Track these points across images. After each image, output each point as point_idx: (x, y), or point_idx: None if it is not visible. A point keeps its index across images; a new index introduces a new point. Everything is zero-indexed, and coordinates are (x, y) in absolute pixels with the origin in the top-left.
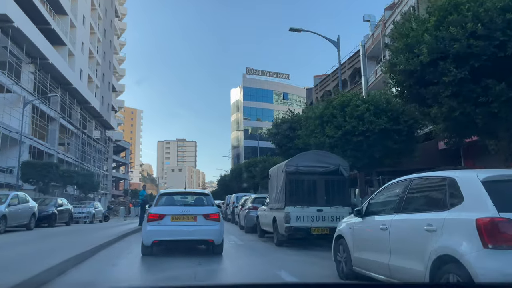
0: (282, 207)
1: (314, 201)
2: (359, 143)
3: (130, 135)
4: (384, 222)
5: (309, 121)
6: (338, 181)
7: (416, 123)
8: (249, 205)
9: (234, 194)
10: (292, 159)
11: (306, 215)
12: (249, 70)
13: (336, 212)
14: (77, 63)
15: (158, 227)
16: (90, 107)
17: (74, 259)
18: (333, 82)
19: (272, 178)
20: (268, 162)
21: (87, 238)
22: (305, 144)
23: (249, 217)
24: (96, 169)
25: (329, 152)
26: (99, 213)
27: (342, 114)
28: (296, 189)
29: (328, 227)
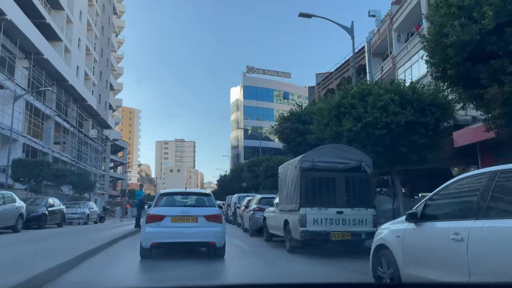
0: (296, 208)
1: (333, 201)
2: (381, 137)
3: (129, 135)
4: (457, 230)
5: (323, 112)
6: (360, 179)
7: (444, 115)
8: (255, 206)
9: (235, 195)
10: (308, 154)
11: (324, 218)
12: (249, 69)
13: (358, 214)
14: (74, 59)
15: (157, 228)
16: (87, 105)
17: (54, 270)
18: (336, 80)
19: (283, 176)
20: (272, 160)
21: (76, 243)
22: (318, 138)
23: (255, 219)
24: (93, 168)
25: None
26: (94, 213)
27: (362, 104)
28: (312, 188)
29: (349, 231)
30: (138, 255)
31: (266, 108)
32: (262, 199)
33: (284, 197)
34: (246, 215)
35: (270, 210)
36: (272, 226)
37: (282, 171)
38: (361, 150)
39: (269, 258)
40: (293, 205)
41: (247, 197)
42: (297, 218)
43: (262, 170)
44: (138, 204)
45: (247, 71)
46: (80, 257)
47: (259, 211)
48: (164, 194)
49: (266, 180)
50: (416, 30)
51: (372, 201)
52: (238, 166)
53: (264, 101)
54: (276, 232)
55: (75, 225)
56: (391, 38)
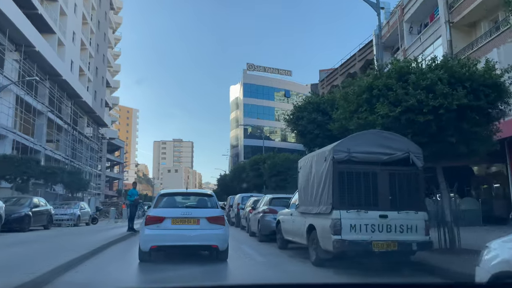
0: (326, 211)
1: (375, 202)
2: (426, 125)
3: (126, 135)
4: None
5: (349, 97)
6: (409, 175)
7: (498, 98)
8: (265, 208)
9: (238, 195)
10: (342, 142)
11: (364, 223)
12: (249, 66)
13: (406, 219)
14: (68, 53)
15: (157, 231)
16: (82, 101)
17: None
18: (341, 76)
19: (305, 171)
20: (278, 157)
21: (51, 251)
22: (343, 128)
23: (265, 223)
24: (88, 167)
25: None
26: (85, 214)
27: (401, 84)
28: (348, 186)
29: (396, 241)
30: (127, 271)
31: (267, 107)
32: (274, 199)
33: (308, 196)
34: (254, 218)
35: (285, 213)
36: (289, 232)
37: (304, 165)
38: None
39: (291, 273)
40: (322, 207)
41: (252, 198)
42: (328, 223)
43: (267, 168)
44: (131, 204)
45: (247, 69)
46: (44, 277)
47: (270, 213)
48: (164, 194)
49: (270, 179)
50: (431, 20)
51: (423, 202)
52: (240, 165)
53: (265, 99)
54: (295, 239)
55: (64, 227)
56: (402, 30)
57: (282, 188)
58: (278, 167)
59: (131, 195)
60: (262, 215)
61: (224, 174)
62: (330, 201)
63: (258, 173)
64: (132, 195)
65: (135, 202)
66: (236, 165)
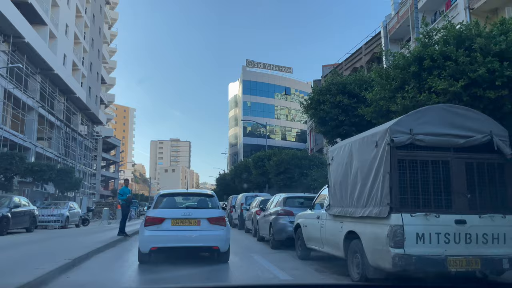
0: (382, 214)
1: (447, 203)
2: (498, 102)
3: (123, 134)
4: None
5: (393, 72)
6: (492, 165)
7: None
8: (278, 209)
9: (242, 194)
10: (401, 120)
11: (435, 232)
12: (249, 63)
13: (491, 225)
14: (60, 46)
15: (157, 232)
16: (76, 97)
17: None
18: (346, 71)
19: (340, 162)
20: (285, 154)
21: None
22: (381, 112)
23: (280, 226)
24: (82, 166)
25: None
26: (75, 215)
27: (464, 52)
28: (412, 180)
29: (479, 257)
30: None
31: (267, 104)
32: (289, 199)
33: (346, 195)
34: (264, 220)
35: (308, 215)
36: (315, 239)
37: (339, 154)
38: None
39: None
40: (372, 209)
41: (258, 197)
42: (383, 231)
43: (273, 165)
44: (123, 205)
45: (247, 65)
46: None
47: (285, 215)
48: (164, 195)
49: (277, 177)
50: (446, 8)
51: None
52: (242, 163)
53: (265, 96)
54: (324, 248)
55: (51, 230)
56: (413, 21)
57: (288, 187)
58: (285, 164)
59: (123, 193)
60: (275, 218)
61: (224, 173)
62: (387, 201)
63: (262, 171)
64: (124, 194)
65: (128, 201)
66: (238, 163)
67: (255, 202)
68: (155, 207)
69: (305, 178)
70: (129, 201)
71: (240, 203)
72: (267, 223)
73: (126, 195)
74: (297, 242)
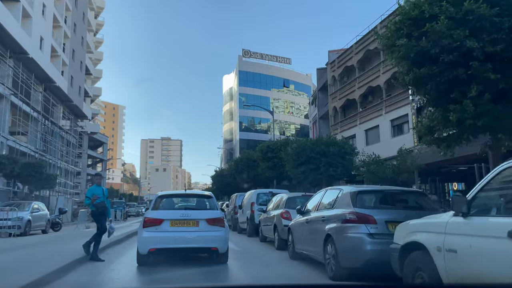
0: None
1: None
2: None
3: (112, 132)
4: None
5: None
6: None
7: None
8: (342, 212)
9: (252, 191)
10: None
11: None
12: (245, 53)
13: None
14: (36, 28)
15: (155, 233)
16: (55, 87)
17: None
18: (357, 54)
19: None
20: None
21: None
22: None
23: (351, 243)
24: (64, 163)
25: None
26: (40, 219)
27: None
28: None
29: None
30: None
31: (264, 97)
32: (361, 194)
33: None
34: (307, 230)
35: (455, 228)
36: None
37: None
38: None
39: None
40: None
41: (279, 195)
42: None
43: (292, 154)
44: (93, 213)
45: (243, 55)
46: None
47: (358, 222)
48: (163, 196)
49: (296, 170)
50: None
51: None
52: (245, 155)
53: (262, 88)
54: None
55: (4, 238)
56: None
57: (312, 182)
58: (308, 152)
59: (91, 195)
60: (340, 228)
61: (221, 169)
62: None
63: (272, 163)
64: (91, 195)
65: (100, 208)
66: (239, 156)
67: (276, 201)
68: (153, 209)
69: (335, 169)
70: (101, 207)
71: (250, 203)
72: (317, 235)
73: (97, 197)
74: (404, 270)
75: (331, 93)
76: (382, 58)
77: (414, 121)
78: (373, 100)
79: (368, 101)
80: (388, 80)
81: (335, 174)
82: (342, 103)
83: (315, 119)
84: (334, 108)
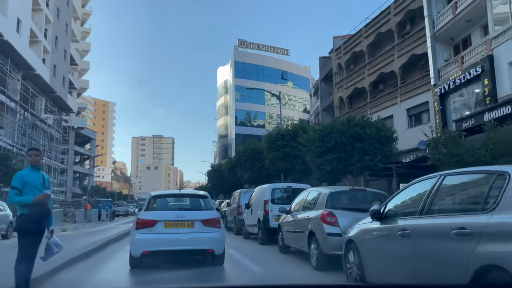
0: None
1: None
2: None
3: (102, 130)
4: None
5: None
6: None
7: None
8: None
9: (265, 186)
10: None
11: None
12: (241, 43)
13: None
14: (12, 8)
15: (149, 235)
16: (35, 75)
17: None
18: (367, 38)
19: None
20: (334, 120)
21: None
22: None
23: None
24: (46, 159)
25: None
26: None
27: None
28: None
29: None
30: None
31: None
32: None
33: None
34: (405, 245)
35: None
36: None
37: None
38: None
39: None
40: None
41: (308, 190)
42: None
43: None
44: (20, 218)
45: (239, 45)
46: None
47: None
48: (156, 196)
49: (320, 159)
50: None
51: None
52: (248, 146)
53: (259, 81)
54: None
55: None
56: None
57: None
58: (337, 136)
59: (20, 185)
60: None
61: (218, 164)
62: None
63: (282, 153)
64: (22, 185)
65: (37, 211)
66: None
67: (309, 198)
68: (146, 209)
69: (372, 158)
70: (44, 210)
71: (262, 201)
72: (401, 248)
73: (26, 191)
74: None
75: (336, 82)
76: (397, 41)
77: (436, 109)
78: (384, 89)
79: (378, 90)
80: (404, 64)
81: (372, 164)
82: (349, 92)
83: (317, 111)
84: (340, 98)
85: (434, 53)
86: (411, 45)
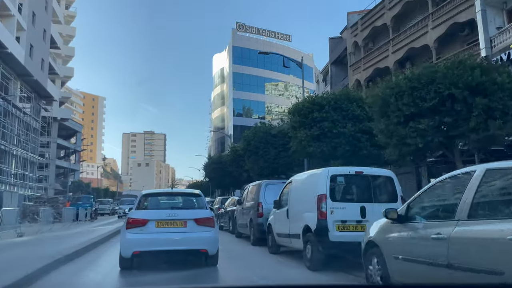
0: None
1: None
2: None
3: (91, 125)
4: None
5: None
6: None
7: None
8: None
9: (318, 172)
10: None
11: None
12: (239, 26)
13: None
14: None
15: (140, 235)
16: (7, 54)
17: None
18: (392, 9)
19: None
20: (437, 67)
21: None
22: None
23: None
24: (21, 151)
25: None
26: None
27: None
28: None
29: None
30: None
31: (261, 77)
32: None
33: None
34: None
35: None
36: None
37: None
38: None
39: None
40: None
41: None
42: None
43: (403, 88)
44: None
45: (237, 29)
46: None
47: None
48: (148, 194)
49: (404, 129)
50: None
51: None
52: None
53: (260, 68)
54: None
55: None
56: None
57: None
58: (442, 86)
59: None
60: None
61: (218, 155)
62: None
63: (319, 131)
64: None
65: None
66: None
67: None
68: (137, 208)
69: (502, 124)
70: None
71: (313, 197)
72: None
73: None
74: None
75: (351, 63)
76: (432, 9)
77: None
78: (412, 67)
79: (406, 69)
80: (441, 36)
81: (501, 133)
82: (368, 74)
83: None
84: (357, 81)
85: (485, 18)
86: (452, 11)
